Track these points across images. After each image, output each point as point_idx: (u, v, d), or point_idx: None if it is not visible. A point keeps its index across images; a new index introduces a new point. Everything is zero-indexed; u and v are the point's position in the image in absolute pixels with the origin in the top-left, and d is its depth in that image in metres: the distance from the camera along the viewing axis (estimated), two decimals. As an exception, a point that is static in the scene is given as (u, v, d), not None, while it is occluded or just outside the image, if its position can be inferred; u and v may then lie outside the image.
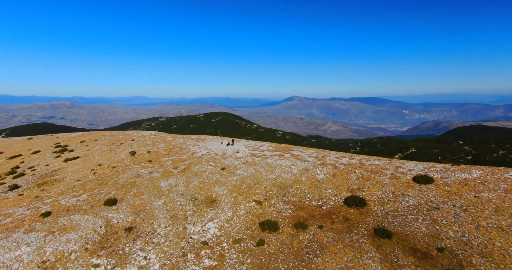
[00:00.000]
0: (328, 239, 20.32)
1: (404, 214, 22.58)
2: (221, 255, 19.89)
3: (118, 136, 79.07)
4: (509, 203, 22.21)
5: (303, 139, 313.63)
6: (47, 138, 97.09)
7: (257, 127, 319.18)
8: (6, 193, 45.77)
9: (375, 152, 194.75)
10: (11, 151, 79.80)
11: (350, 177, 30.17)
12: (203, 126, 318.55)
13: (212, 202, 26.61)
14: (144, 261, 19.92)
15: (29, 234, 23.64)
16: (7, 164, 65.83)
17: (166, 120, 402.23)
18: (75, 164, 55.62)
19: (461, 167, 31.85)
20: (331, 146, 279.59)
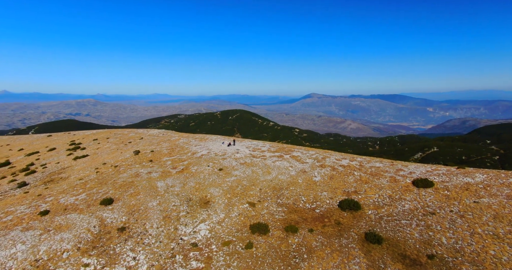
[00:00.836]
0: (317, 243, 19.99)
1: (398, 219, 22.03)
2: (209, 257, 19.84)
3: (129, 134, 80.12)
4: (510, 209, 21.40)
5: (320, 137, 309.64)
6: (65, 135, 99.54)
7: (274, 124, 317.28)
8: (15, 190, 47.06)
9: (394, 151, 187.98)
10: (31, 148, 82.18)
11: (347, 180, 29.67)
12: (220, 124, 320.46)
13: (206, 203, 26.61)
14: (133, 261, 20.05)
15: (25, 232, 24.13)
16: (24, 161, 67.81)
17: (185, 118, 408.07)
18: (82, 162, 56.65)
19: (466, 170, 30.91)
20: (349, 144, 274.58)
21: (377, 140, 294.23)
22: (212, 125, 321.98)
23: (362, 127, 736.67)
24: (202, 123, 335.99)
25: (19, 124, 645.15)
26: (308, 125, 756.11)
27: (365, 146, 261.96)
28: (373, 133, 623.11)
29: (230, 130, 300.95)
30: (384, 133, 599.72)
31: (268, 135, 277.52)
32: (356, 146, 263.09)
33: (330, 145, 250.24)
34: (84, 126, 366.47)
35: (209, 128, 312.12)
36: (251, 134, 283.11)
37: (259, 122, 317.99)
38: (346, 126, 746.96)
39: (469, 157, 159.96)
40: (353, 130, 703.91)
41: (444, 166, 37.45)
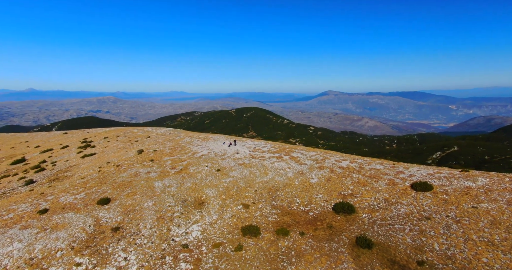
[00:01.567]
0: (307, 247, 19.78)
1: (392, 223, 21.62)
2: (198, 259, 19.86)
3: (138, 133, 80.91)
4: (508, 215, 20.76)
5: (335, 135, 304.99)
6: (79, 133, 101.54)
7: (288, 122, 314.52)
8: (22, 187, 48.19)
9: (412, 150, 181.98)
10: (46, 145, 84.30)
11: (345, 182, 29.28)
12: (234, 121, 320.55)
13: (201, 204, 26.66)
14: (124, 262, 20.24)
15: (23, 231, 24.62)
16: (38, 158, 69.53)
17: (200, 115, 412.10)
18: (89, 160, 57.52)
19: (470, 174, 30.16)
20: (365, 142, 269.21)
21: (395, 138, 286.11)
22: (226, 123, 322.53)
23: (380, 125, 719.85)
24: (217, 120, 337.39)
25: (44, 120, 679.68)
26: (324, 123, 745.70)
27: (381, 145, 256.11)
28: (391, 131, 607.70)
29: (245, 127, 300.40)
30: (403, 132, 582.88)
31: (283, 133, 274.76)
32: (373, 145, 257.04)
33: (346, 143, 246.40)
34: (103, 123, 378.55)
35: (224, 126, 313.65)
36: (265, 132, 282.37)
37: (273, 119, 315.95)
38: (363, 124, 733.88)
39: (492, 157, 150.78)
40: (370, 128, 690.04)
41: (448, 168, 36.66)
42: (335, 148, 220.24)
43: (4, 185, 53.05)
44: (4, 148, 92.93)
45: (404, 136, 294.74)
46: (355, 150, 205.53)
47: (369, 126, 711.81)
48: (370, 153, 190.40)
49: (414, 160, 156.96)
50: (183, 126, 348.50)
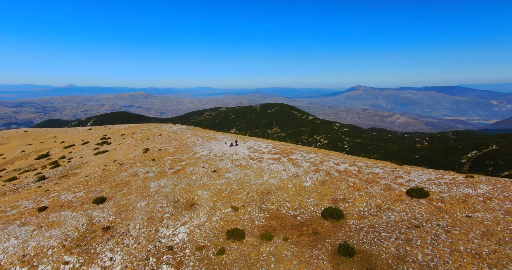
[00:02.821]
0: (288, 253, 19.58)
1: (379, 231, 21.07)
2: (180, 261, 20.04)
3: (152, 130, 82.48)
4: (503, 226, 19.83)
5: (362, 132, 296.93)
6: (101, 129, 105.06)
7: (313, 118, 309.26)
8: (35, 183, 50.10)
9: (445, 148, 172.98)
10: (71, 141, 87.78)
11: (339, 186, 28.76)
12: (258, 117, 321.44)
13: (191, 205, 26.88)
14: (109, 262, 20.69)
15: (21, 227, 25.58)
16: (59, 153, 72.46)
17: (225, 111, 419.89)
18: (99, 158, 59.13)
19: (474, 180, 28.98)
20: (394, 140, 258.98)
21: (427, 135, 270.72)
22: (251, 118, 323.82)
23: (412, 121, 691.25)
24: (241, 116, 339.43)
25: (82, 115, 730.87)
26: (352, 119, 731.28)
27: (411, 142, 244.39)
28: (424, 128, 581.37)
29: (269, 123, 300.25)
30: (437, 128, 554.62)
31: (307, 129, 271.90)
32: (402, 142, 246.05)
33: (373, 140, 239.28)
34: (133, 118, 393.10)
35: (248, 121, 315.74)
36: (289, 128, 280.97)
37: (297, 116, 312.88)
38: (394, 120, 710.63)
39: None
40: (401, 124, 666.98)
41: (455, 173, 35.34)
42: (361, 146, 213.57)
43: (21, 180, 55.34)
44: (35, 142, 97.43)
45: (437, 133, 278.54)
46: (382, 148, 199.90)
47: (400, 122, 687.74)
48: (398, 151, 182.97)
49: (446, 159, 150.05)
50: (209, 122, 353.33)
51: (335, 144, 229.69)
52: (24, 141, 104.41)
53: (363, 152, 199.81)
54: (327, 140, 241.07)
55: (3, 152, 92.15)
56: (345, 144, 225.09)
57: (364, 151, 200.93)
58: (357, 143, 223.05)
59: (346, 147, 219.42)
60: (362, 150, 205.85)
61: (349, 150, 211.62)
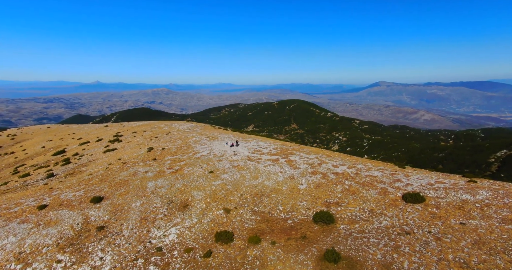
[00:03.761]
0: (274, 257, 19.51)
1: (368, 237, 20.75)
2: (167, 263, 20.27)
3: (163, 128, 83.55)
4: (496, 235, 19.23)
5: (383, 129, 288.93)
6: (116, 126, 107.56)
7: (332, 115, 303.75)
8: (43, 180, 51.46)
9: (471, 147, 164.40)
10: (87, 137, 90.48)
11: (334, 189, 28.44)
12: (276, 114, 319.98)
13: (185, 206, 27.11)
14: (99, 262, 21.10)
15: (21, 225, 26.34)
16: (74, 150, 74.70)
17: (243, 107, 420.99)
18: (106, 156, 60.28)
19: (476, 185, 28.23)
20: (417, 138, 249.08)
21: (453, 133, 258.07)
22: (268, 115, 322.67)
23: (438, 118, 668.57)
24: (259, 113, 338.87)
25: (107, 110, 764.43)
26: (374, 116, 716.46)
27: (436, 140, 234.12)
28: (451, 125, 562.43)
29: (287, 120, 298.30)
30: (465, 126, 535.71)
31: (325, 126, 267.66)
32: (425, 140, 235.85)
33: (394, 138, 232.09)
34: (154, 114, 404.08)
35: (266, 118, 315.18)
36: (307, 125, 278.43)
37: (316, 112, 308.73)
38: (419, 117, 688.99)
39: None
40: (426, 121, 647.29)
41: (461, 177, 34.50)
42: (382, 143, 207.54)
43: (32, 177, 57.02)
44: (55, 139, 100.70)
45: (464, 131, 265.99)
46: (403, 146, 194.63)
47: (425, 119, 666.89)
48: (420, 149, 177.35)
49: (472, 158, 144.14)
50: (227, 118, 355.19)
51: (354, 141, 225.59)
52: (45, 137, 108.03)
53: (383, 150, 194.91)
54: (346, 138, 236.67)
55: (26, 148, 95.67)
56: (365, 142, 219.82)
57: (384, 149, 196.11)
58: (377, 141, 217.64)
59: (366, 145, 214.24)
60: (382, 148, 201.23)
61: (368, 148, 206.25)
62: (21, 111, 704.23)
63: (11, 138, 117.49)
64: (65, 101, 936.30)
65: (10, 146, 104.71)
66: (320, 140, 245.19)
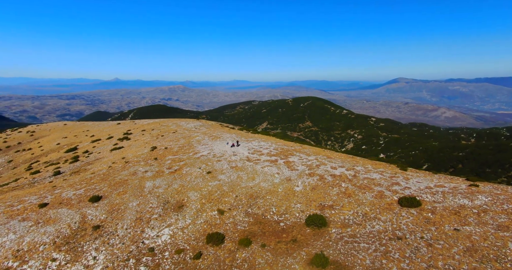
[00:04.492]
0: (262, 260, 19.53)
1: (359, 241, 20.55)
2: (158, 264, 20.51)
3: (170, 127, 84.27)
4: (490, 242, 18.83)
5: (401, 127, 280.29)
6: (128, 124, 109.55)
7: (348, 112, 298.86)
8: (50, 178, 52.58)
9: (494, 146, 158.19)
10: (99, 135, 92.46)
11: (330, 192, 28.22)
12: (290, 111, 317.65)
13: (180, 207, 27.34)
14: (92, 261, 21.52)
15: (21, 223, 27.02)
16: (85, 147, 76.27)
17: (258, 104, 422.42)
18: (112, 154, 61.13)
19: (478, 189, 27.64)
20: (436, 136, 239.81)
21: (475, 131, 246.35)
22: (283, 112, 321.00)
23: (460, 115, 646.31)
24: (273, 110, 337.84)
25: (125, 107, 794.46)
26: (392, 113, 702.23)
27: (456, 139, 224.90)
28: (474, 123, 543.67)
29: (301, 117, 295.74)
30: (490, 124, 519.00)
31: (340, 124, 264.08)
32: (445, 138, 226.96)
33: (411, 136, 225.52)
34: (170, 110, 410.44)
35: (280, 115, 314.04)
36: (322, 122, 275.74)
37: (331, 110, 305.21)
38: (440, 114, 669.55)
39: None
40: (448, 119, 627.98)
41: (465, 180, 33.75)
42: (398, 142, 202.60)
43: (41, 174, 58.37)
44: (70, 136, 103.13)
45: (487, 129, 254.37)
46: (421, 144, 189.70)
47: (446, 117, 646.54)
48: (439, 148, 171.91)
49: (495, 157, 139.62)
50: (241, 115, 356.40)
51: (370, 139, 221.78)
52: (61, 134, 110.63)
53: (400, 148, 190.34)
54: (361, 135, 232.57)
55: (43, 144, 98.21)
56: (381, 140, 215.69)
57: (401, 148, 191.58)
58: (393, 139, 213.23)
59: (382, 143, 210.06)
60: (399, 146, 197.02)
61: (384, 146, 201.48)
62: (45, 107, 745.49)
63: (30, 135, 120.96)
64: (86, 98, 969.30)
65: (29, 143, 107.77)
66: (335, 138, 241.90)
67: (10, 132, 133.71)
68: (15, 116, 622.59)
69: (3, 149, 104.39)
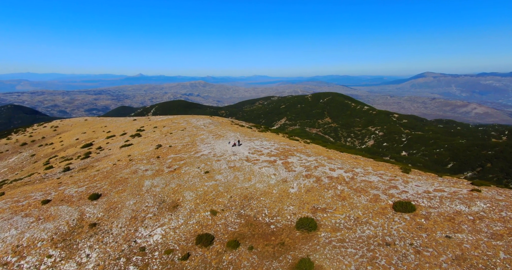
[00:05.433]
0: (248, 263, 19.65)
1: (346, 246, 20.37)
2: (147, 264, 20.93)
3: (181, 124, 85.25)
4: (481, 251, 18.37)
5: (425, 124, 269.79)
6: (143, 120, 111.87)
7: (369, 108, 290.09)
8: (60, 174, 54.09)
9: None
10: (115, 131, 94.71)
11: (325, 194, 28.02)
12: (309, 107, 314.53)
13: (175, 207, 27.73)
14: (85, 258, 22.14)
15: (23, 219, 27.99)
16: (99, 143, 78.42)
17: (277, 100, 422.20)
18: (120, 151, 62.35)
19: (479, 195, 26.94)
20: (463, 133, 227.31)
21: (507, 128, 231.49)
22: (302, 108, 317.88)
23: (492, 111, 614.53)
24: (292, 106, 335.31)
25: (148, 102, 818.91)
26: (417, 109, 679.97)
27: (485, 136, 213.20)
28: (508, 120, 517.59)
29: (320, 113, 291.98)
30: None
31: (361, 120, 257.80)
32: (473, 136, 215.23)
33: (436, 133, 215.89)
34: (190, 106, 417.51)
35: (299, 111, 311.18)
36: (341, 118, 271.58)
37: (351, 106, 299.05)
38: (470, 110, 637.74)
39: None
40: (478, 115, 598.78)
41: (470, 184, 32.93)
42: (422, 139, 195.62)
43: (53, 170, 60.06)
44: (88, 131, 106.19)
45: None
46: (447, 142, 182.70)
47: (477, 113, 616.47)
48: (466, 146, 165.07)
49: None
50: (260, 111, 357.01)
51: (391, 136, 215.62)
52: (81, 129, 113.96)
53: (423, 146, 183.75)
54: (383, 132, 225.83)
55: (63, 139, 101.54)
56: (403, 137, 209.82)
57: (425, 145, 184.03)
58: (417, 136, 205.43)
59: (404, 140, 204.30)
60: (422, 143, 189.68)
61: (407, 144, 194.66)
62: (75, 102, 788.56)
63: (54, 130, 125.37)
64: (112, 93, 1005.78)
65: (52, 137, 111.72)
66: (355, 135, 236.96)
67: (36, 127, 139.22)
68: (47, 110, 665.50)
69: (28, 143, 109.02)
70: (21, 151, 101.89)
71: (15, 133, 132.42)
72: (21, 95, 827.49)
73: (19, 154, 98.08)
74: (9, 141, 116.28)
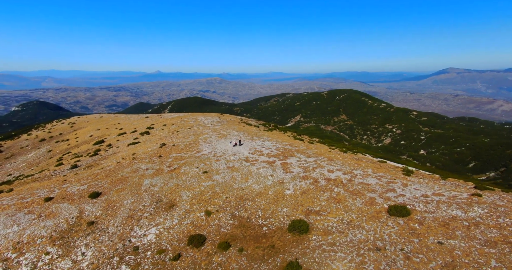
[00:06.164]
0: (236, 265, 19.81)
1: (336, 250, 20.31)
2: (139, 263, 21.33)
3: (189, 122, 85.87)
4: (472, 259, 18.08)
5: (446, 122, 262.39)
6: (154, 118, 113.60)
7: (386, 106, 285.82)
8: (67, 171, 55.32)
9: None
10: (127, 128, 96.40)
11: (320, 197, 27.90)
12: (325, 104, 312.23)
13: (171, 206, 28.10)
14: (81, 257, 22.72)
15: (26, 216, 28.83)
16: (110, 141, 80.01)
17: (292, 97, 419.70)
18: (127, 149, 63.33)
19: (479, 200, 26.41)
20: (487, 132, 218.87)
21: None
22: (317, 105, 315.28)
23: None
24: (307, 103, 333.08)
25: (165, 99, 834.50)
26: (439, 106, 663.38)
27: (510, 135, 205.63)
28: None
29: (336, 110, 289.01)
30: None
31: (378, 118, 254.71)
32: (498, 135, 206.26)
33: (458, 131, 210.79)
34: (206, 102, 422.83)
35: (314, 108, 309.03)
36: (357, 116, 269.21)
37: (368, 103, 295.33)
38: (496, 107, 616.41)
39: None
40: (505, 112, 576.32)
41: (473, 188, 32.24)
42: (442, 137, 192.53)
43: (62, 167, 61.47)
44: (102, 128, 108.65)
45: None
46: (469, 141, 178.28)
47: (503, 110, 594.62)
48: (489, 145, 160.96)
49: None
50: (275, 108, 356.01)
51: (410, 134, 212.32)
52: (96, 126, 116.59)
53: (443, 145, 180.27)
54: (400, 130, 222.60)
55: (79, 136, 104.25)
56: (422, 135, 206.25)
57: (445, 144, 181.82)
58: (436, 134, 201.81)
59: (423, 138, 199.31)
60: (442, 142, 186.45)
61: (425, 142, 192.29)
62: (96, 98, 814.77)
63: (71, 126, 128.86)
64: (131, 90, 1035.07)
65: (68, 134, 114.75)
66: (371, 133, 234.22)
67: (55, 123, 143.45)
68: (70, 106, 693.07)
69: (46, 139, 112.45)
70: (40, 146, 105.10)
71: (36, 129, 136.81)
72: (46, 92, 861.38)
73: (37, 150, 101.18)
74: (30, 137, 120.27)
